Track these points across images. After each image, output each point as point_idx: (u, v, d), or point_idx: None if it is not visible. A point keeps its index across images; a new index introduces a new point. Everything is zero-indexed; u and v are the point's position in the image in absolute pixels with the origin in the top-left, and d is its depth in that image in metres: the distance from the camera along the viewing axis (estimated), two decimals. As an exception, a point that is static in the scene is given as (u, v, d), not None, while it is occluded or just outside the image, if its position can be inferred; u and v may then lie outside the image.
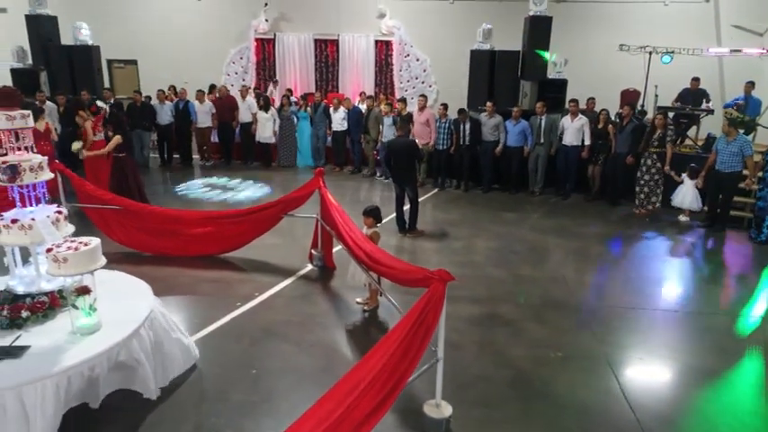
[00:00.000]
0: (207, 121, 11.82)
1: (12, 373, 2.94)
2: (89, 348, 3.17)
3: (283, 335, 4.75)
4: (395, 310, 5.14)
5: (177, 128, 11.73)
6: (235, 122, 11.83)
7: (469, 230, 7.73)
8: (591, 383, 4.15)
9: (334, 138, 11.64)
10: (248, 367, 4.21)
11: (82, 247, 3.21)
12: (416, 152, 7.06)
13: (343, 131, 11.41)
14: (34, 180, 3.46)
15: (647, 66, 11.13)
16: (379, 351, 2.87)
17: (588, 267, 6.68)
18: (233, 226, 6.12)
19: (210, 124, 11.90)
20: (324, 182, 5.85)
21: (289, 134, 11.85)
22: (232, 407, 3.74)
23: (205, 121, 11.79)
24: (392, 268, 3.86)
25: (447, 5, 14.03)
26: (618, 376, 4.21)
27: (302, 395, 3.90)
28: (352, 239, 4.66)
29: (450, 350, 4.10)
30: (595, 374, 4.27)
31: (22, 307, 3.39)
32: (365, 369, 2.76)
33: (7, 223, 3.40)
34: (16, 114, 3.38)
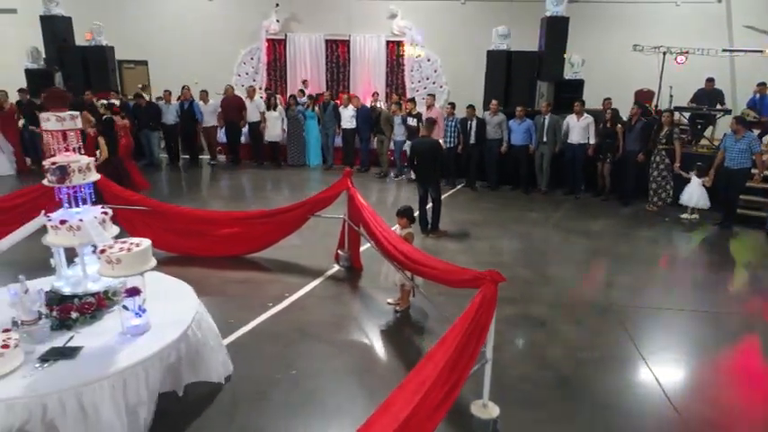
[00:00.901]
0: (212, 121, 11.81)
1: (69, 375, 2.94)
2: (142, 349, 3.17)
3: (318, 336, 4.75)
4: (427, 310, 5.20)
5: (183, 128, 11.73)
6: (242, 122, 11.80)
7: (491, 230, 7.74)
8: (631, 384, 4.16)
9: (343, 136, 11.67)
10: (287, 368, 4.21)
11: (134, 248, 3.21)
12: (440, 152, 7.07)
13: (352, 130, 11.42)
14: (82, 181, 3.46)
15: (661, 66, 11.14)
16: (439, 352, 2.87)
17: (614, 267, 6.67)
18: (260, 226, 6.12)
19: (216, 123, 11.90)
20: (352, 182, 5.85)
21: (297, 133, 11.85)
22: (276, 408, 3.74)
23: (210, 120, 11.79)
24: (434, 269, 3.85)
25: (458, 6, 14.05)
26: (658, 377, 4.21)
27: (345, 395, 3.92)
28: (387, 240, 4.65)
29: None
30: (635, 375, 4.28)
31: (71, 308, 3.39)
32: (427, 370, 2.76)
33: (56, 224, 3.40)
34: (66, 115, 3.38)
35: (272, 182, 10.85)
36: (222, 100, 11.81)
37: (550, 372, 4.27)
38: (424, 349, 4.58)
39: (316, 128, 11.88)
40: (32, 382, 2.86)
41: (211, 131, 11.99)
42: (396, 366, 4.31)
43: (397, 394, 2.66)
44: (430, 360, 2.84)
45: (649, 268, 6.66)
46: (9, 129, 10.77)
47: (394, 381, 4.04)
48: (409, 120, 10.50)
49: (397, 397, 2.64)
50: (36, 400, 2.79)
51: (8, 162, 10.69)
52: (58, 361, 3.05)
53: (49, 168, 3.35)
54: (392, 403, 2.61)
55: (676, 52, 11.05)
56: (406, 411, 2.54)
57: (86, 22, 11.95)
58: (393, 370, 4.25)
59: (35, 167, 10.95)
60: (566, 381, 4.17)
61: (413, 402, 2.59)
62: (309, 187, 10.39)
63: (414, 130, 10.43)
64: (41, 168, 8.07)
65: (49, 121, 3.35)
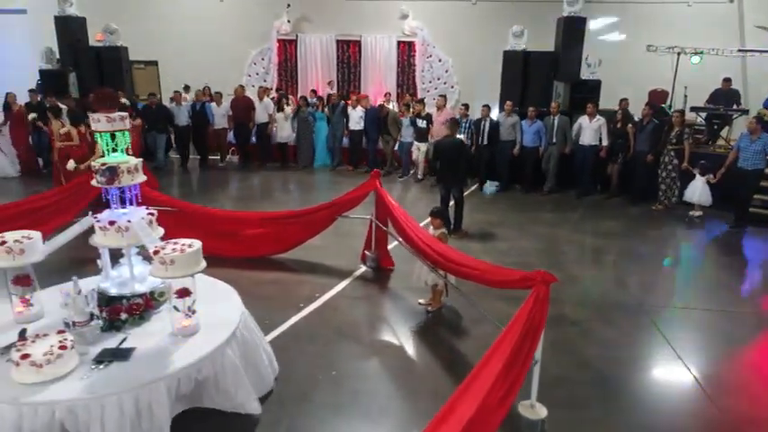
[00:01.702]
0: (223, 123, 11.78)
1: (125, 376, 2.95)
2: (194, 350, 3.18)
3: (354, 336, 4.75)
4: (460, 310, 5.20)
5: (194, 129, 11.70)
6: (251, 123, 11.81)
7: (511, 231, 7.74)
8: (671, 383, 4.19)
9: (350, 137, 11.67)
10: (328, 369, 4.21)
11: (187, 249, 3.21)
12: (465, 152, 7.07)
13: (359, 131, 11.45)
14: (131, 182, 3.46)
15: (676, 66, 11.16)
16: (495, 355, 2.88)
17: (636, 267, 6.67)
18: (288, 227, 6.12)
19: (226, 125, 11.87)
20: (380, 183, 5.86)
21: (306, 135, 11.85)
22: (321, 409, 3.74)
23: (221, 122, 11.77)
24: (475, 269, 3.86)
25: (469, 6, 14.06)
26: (696, 376, 4.21)
27: (387, 396, 3.93)
28: (422, 240, 4.66)
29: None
30: (673, 374, 4.29)
31: (120, 309, 3.39)
32: (486, 373, 2.77)
33: (105, 225, 3.40)
34: (116, 116, 3.38)
35: (283, 182, 10.85)
36: (231, 101, 11.80)
37: (589, 371, 4.28)
38: (460, 350, 4.60)
39: (325, 129, 11.89)
40: (91, 384, 2.87)
41: (221, 133, 11.95)
42: (434, 367, 4.31)
43: (458, 398, 2.66)
44: (487, 363, 2.85)
45: (670, 268, 6.68)
46: (18, 130, 10.70)
47: (433, 382, 4.10)
48: (418, 121, 10.52)
49: (459, 400, 2.64)
50: (96, 401, 2.79)
51: (10, 164, 10.59)
52: (113, 362, 3.05)
53: (98, 169, 3.35)
54: (454, 408, 2.61)
55: (690, 52, 11.06)
56: (469, 414, 2.55)
57: (96, 23, 11.92)
58: (432, 371, 4.26)
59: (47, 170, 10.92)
60: (605, 380, 4.18)
61: (474, 405, 2.60)
62: (319, 188, 10.49)
63: (423, 131, 10.46)
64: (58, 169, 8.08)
65: (100, 122, 3.35)
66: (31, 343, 2.95)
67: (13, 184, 10.25)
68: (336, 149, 11.90)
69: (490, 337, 4.74)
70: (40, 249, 3.41)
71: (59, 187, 5.97)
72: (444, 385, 4.04)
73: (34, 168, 10.94)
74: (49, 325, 3.40)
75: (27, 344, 2.94)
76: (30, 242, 3.34)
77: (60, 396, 2.77)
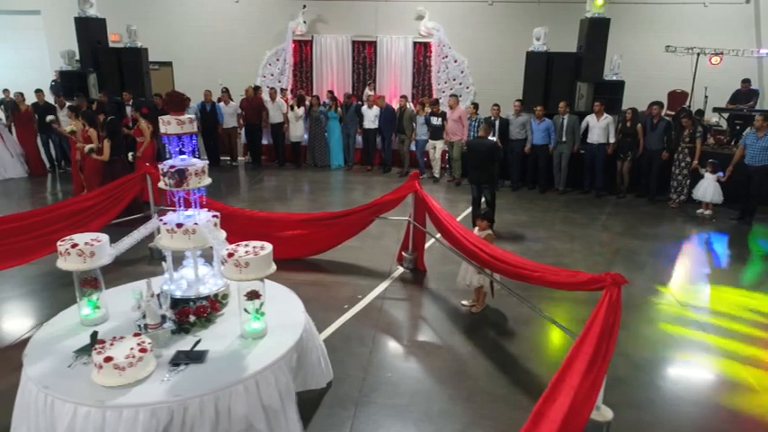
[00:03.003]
0: (232, 122, 11.72)
1: (203, 378, 2.95)
2: (269, 352, 3.18)
3: (403, 338, 4.76)
4: (504, 311, 5.20)
5: (204, 130, 11.66)
6: (264, 124, 11.76)
7: (541, 231, 7.73)
8: (729, 383, 4.18)
9: (364, 136, 11.67)
10: (383, 370, 4.22)
11: (260, 251, 3.21)
12: (497, 153, 7.06)
13: (374, 130, 11.44)
14: (198, 185, 3.46)
15: (695, 67, 11.16)
16: (577, 359, 2.88)
17: (676, 268, 6.69)
18: (326, 228, 6.12)
19: (236, 124, 11.82)
20: (420, 185, 5.86)
21: (318, 134, 11.83)
22: (383, 410, 3.75)
23: (230, 122, 11.71)
24: (534, 271, 3.86)
25: (486, 7, 14.05)
26: (751, 376, 4.22)
27: (445, 398, 3.93)
28: (471, 243, 4.66)
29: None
30: (731, 374, 4.29)
31: (188, 311, 3.39)
32: (571, 378, 2.76)
33: (173, 227, 3.40)
34: (185, 119, 3.38)
35: (296, 183, 10.81)
36: (242, 101, 11.77)
37: (644, 373, 4.29)
38: (510, 351, 4.59)
39: (338, 128, 11.87)
40: (172, 386, 2.86)
41: (231, 133, 11.89)
42: (487, 368, 4.30)
43: (547, 404, 2.65)
44: (569, 368, 2.84)
45: (702, 268, 6.73)
46: (25, 131, 10.62)
47: (490, 383, 4.10)
48: (433, 119, 10.54)
49: (548, 406, 2.64)
50: (179, 403, 2.79)
51: (19, 165, 10.50)
52: (189, 365, 3.05)
53: (167, 172, 3.35)
54: (544, 413, 2.60)
55: (710, 53, 11.07)
56: (560, 418, 2.55)
57: (111, 24, 11.89)
58: (486, 372, 4.26)
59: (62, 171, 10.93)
60: (662, 381, 4.18)
61: (563, 410, 2.60)
62: (333, 188, 10.49)
63: (438, 129, 10.47)
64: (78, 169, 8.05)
65: (170, 124, 3.35)
66: (109, 346, 2.95)
67: (22, 185, 10.15)
68: (351, 149, 11.87)
69: (538, 338, 4.83)
70: (108, 252, 3.41)
71: (101, 188, 5.95)
72: (501, 387, 4.06)
73: (42, 169, 10.83)
74: (116, 328, 3.40)
75: (106, 346, 2.94)
76: (99, 245, 3.34)
77: (144, 399, 2.76)
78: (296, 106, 11.71)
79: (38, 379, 2.90)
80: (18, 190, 9.78)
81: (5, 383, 3.91)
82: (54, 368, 3.00)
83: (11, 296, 5.45)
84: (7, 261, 5.27)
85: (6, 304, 5.31)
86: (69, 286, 5.53)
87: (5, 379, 3.98)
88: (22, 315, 5.15)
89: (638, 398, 3.96)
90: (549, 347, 4.64)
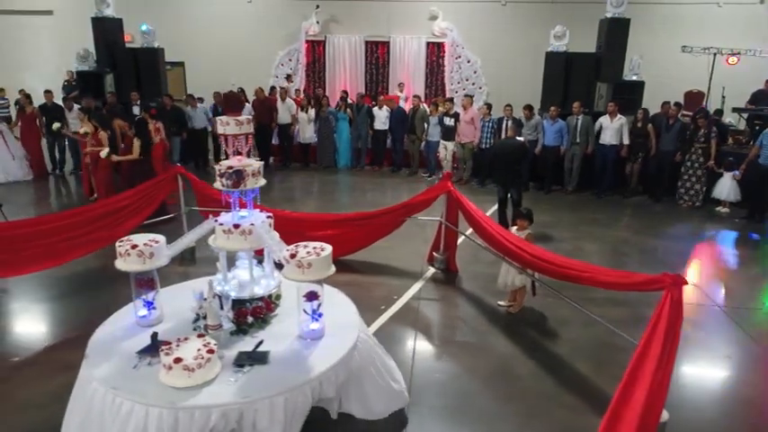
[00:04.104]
0: None
1: (270, 379, 2.93)
2: (330, 352, 3.17)
3: (445, 338, 4.77)
4: (542, 311, 5.20)
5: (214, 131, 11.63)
6: (273, 124, 11.72)
7: (566, 232, 7.74)
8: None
9: (374, 137, 11.66)
10: (428, 371, 4.22)
11: (321, 252, 3.21)
12: (525, 154, 7.07)
13: (384, 130, 11.43)
14: (255, 185, 3.46)
15: (711, 67, 11.16)
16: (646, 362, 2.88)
17: (706, 268, 6.70)
18: (358, 229, 6.12)
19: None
20: (453, 185, 5.86)
21: (327, 135, 11.82)
22: (434, 412, 3.75)
23: None
24: (584, 271, 3.86)
25: (499, 7, 14.06)
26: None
27: (496, 398, 3.93)
28: (512, 243, 4.66)
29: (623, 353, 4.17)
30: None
31: (246, 312, 3.38)
32: (645, 375, 2.77)
33: (229, 228, 3.39)
34: (244, 119, 3.38)
35: (305, 183, 10.81)
36: (253, 101, 11.76)
37: (694, 373, 4.30)
38: (554, 351, 4.59)
39: (347, 129, 11.87)
40: (241, 388, 2.85)
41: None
42: (533, 369, 4.30)
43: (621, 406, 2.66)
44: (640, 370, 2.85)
45: (735, 268, 6.72)
46: (30, 133, 10.51)
47: (538, 384, 4.10)
48: (446, 120, 10.54)
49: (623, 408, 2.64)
50: (250, 405, 2.78)
51: (21, 168, 10.35)
52: (253, 366, 3.04)
53: (224, 172, 3.34)
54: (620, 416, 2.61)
55: (727, 53, 11.08)
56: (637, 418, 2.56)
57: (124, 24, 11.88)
58: (532, 373, 4.26)
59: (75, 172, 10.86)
60: (712, 382, 4.19)
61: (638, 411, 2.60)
62: (341, 188, 10.51)
63: (450, 129, 10.48)
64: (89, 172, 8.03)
65: (229, 125, 3.34)
66: (175, 347, 2.94)
67: (25, 188, 10.04)
68: (362, 150, 11.89)
69: (581, 339, 4.81)
70: (166, 253, 3.40)
71: (135, 189, 5.95)
72: (549, 387, 4.06)
73: (45, 172, 10.71)
74: (172, 328, 3.39)
75: (173, 347, 2.93)
76: (157, 246, 3.33)
77: (216, 400, 2.75)
78: (309, 107, 11.66)
79: (105, 380, 2.89)
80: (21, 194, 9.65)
81: (53, 384, 3.92)
82: (119, 369, 2.99)
83: (46, 297, 5.44)
84: (43, 262, 5.27)
85: (43, 305, 5.31)
86: (104, 287, 5.61)
87: (53, 379, 3.99)
88: (59, 316, 5.13)
89: (694, 398, 3.97)
90: (591, 348, 4.63)
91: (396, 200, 8.72)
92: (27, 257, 5.16)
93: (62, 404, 3.50)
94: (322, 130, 11.80)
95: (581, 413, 3.73)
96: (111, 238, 5.68)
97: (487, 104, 10.66)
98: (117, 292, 5.44)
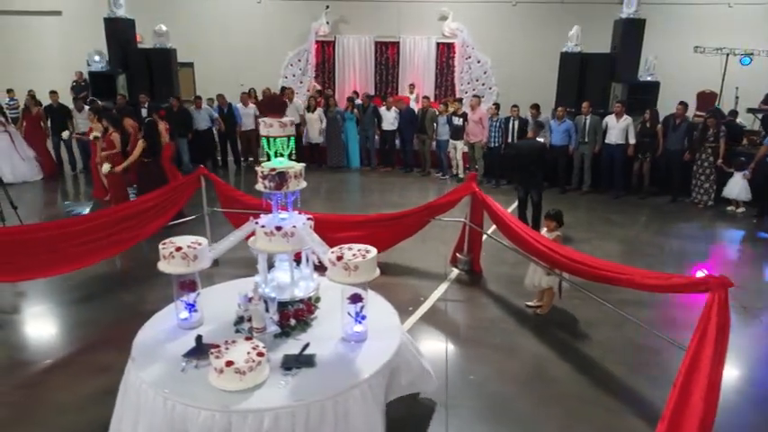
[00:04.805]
0: (250, 124, 11.54)
1: (320, 382, 2.93)
2: (376, 355, 3.16)
3: (476, 340, 4.75)
4: (571, 312, 5.19)
5: (223, 132, 11.55)
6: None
7: (585, 233, 7.71)
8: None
9: (382, 138, 11.66)
10: (463, 373, 4.21)
11: (367, 255, 3.20)
12: (546, 155, 7.05)
13: (392, 131, 11.44)
14: (297, 187, 3.45)
15: (724, 68, 11.16)
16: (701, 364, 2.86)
17: (738, 269, 6.71)
18: (383, 230, 6.09)
19: (253, 126, 11.63)
20: (478, 186, 5.85)
21: (335, 135, 11.80)
22: (473, 414, 3.74)
23: (248, 123, 11.56)
24: (622, 273, 3.84)
25: (509, 7, 14.06)
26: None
27: (530, 400, 3.92)
28: (542, 244, 4.64)
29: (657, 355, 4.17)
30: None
31: (289, 315, 3.38)
32: (700, 378, 2.76)
33: (271, 230, 3.38)
34: (287, 121, 3.37)
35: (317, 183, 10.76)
36: (261, 102, 11.64)
37: (735, 373, 4.28)
38: (585, 352, 4.57)
39: (354, 129, 11.84)
40: (292, 391, 2.85)
41: (250, 135, 11.72)
42: (567, 371, 4.29)
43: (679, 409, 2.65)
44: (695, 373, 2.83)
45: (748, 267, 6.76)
46: (35, 134, 10.44)
47: (573, 386, 4.09)
48: (455, 119, 10.55)
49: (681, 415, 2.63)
50: (302, 408, 2.77)
51: (30, 168, 10.28)
52: (301, 369, 3.03)
53: (267, 174, 3.33)
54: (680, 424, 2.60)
55: (739, 53, 11.07)
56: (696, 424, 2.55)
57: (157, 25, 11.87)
58: (566, 374, 4.25)
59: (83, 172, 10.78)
60: (754, 382, 4.18)
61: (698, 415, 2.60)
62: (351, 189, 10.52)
63: (459, 129, 10.49)
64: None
65: (272, 127, 3.33)
66: (225, 350, 2.93)
67: (36, 188, 10.01)
68: (371, 150, 11.88)
69: (612, 341, 4.78)
70: (208, 255, 3.39)
71: (162, 189, 5.94)
72: (586, 389, 4.06)
73: (55, 172, 10.66)
74: (213, 330, 3.38)
75: (222, 350, 2.92)
76: (201, 248, 3.32)
77: (269, 403, 2.75)
78: (316, 107, 11.61)
79: (155, 383, 2.88)
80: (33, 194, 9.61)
81: (89, 387, 3.92)
82: (167, 372, 2.98)
83: (67, 300, 5.41)
84: (69, 264, 5.25)
85: (66, 308, 5.28)
86: (125, 289, 5.61)
87: (88, 382, 3.99)
88: (83, 318, 5.09)
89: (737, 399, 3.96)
90: (624, 349, 4.61)
91: (407, 200, 8.82)
92: (51, 260, 5.13)
93: (101, 407, 3.53)
94: (330, 131, 11.77)
95: (622, 416, 3.73)
96: (134, 239, 5.71)
97: (496, 104, 10.67)
98: (140, 294, 5.50)
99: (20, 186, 9.78)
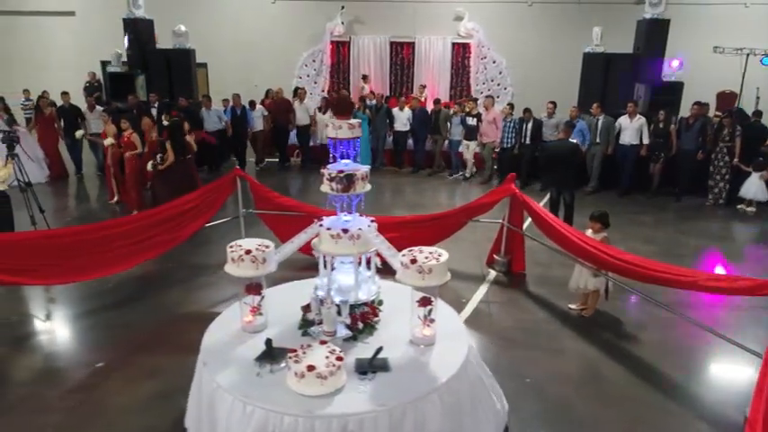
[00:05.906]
0: (259, 125, 11.48)
1: (397, 386, 2.89)
2: (448, 359, 3.13)
3: (524, 342, 4.73)
4: (616, 315, 5.17)
5: (234, 133, 11.43)
6: (290, 125, 11.63)
7: (614, 233, 7.66)
8: None
9: (395, 138, 11.62)
10: (518, 376, 4.18)
11: (440, 258, 3.16)
12: (580, 155, 7.03)
13: (405, 132, 11.40)
14: (362, 190, 3.42)
15: (744, 68, 11.14)
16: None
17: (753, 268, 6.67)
18: (421, 231, 6.05)
19: (262, 127, 11.60)
20: (518, 187, 5.82)
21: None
22: (535, 417, 3.72)
23: (257, 124, 11.48)
24: (683, 275, 3.83)
25: (525, 8, 14.04)
26: None
27: (592, 402, 3.90)
28: (593, 247, 4.62)
29: (712, 357, 4.13)
30: None
31: (356, 318, 3.35)
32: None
33: (338, 232, 3.34)
34: (355, 123, 3.34)
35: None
36: (270, 103, 11.65)
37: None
38: (637, 354, 4.54)
39: (366, 129, 11.75)
40: (371, 395, 2.82)
41: (258, 136, 11.68)
42: (621, 373, 4.27)
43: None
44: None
45: None
46: (48, 135, 10.36)
47: (630, 388, 4.06)
48: (468, 120, 10.53)
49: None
50: (385, 413, 2.75)
51: (39, 169, 10.05)
52: (376, 373, 3.00)
53: (335, 176, 3.30)
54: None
55: (760, 53, 11.06)
56: None
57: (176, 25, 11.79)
58: (621, 377, 4.23)
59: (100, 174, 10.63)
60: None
61: None
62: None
63: (472, 129, 10.47)
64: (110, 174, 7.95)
65: (341, 128, 3.30)
66: (302, 354, 2.90)
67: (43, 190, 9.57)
68: (380, 151, 11.82)
69: (664, 342, 4.74)
70: (275, 258, 3.36)
71: (199, 190, 5.91)
72: (644, 391, 4.04)
73: (63, 174, 10.54)
74: (279, 334, 3.35)
75: (300, 355, 2.89)
76: (268, 251, 3.29)
77: (350, 408, 2.72)
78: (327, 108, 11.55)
79: (232, 388, 2.85)
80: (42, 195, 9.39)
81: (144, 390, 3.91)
82: (242, 377, 2.95)
83: (104, 304, 5.36)
84: (112, 267, 5.22)
85: (105, 312, 5.24)
86: (166, 289, 5.57)
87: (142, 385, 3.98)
88: (123, 321, 5.05)
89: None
90: (678, 351, 4.58)
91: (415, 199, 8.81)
92: (96, 262, 5.09)
93: (157, 410, 3.54)
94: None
95: (685, 420, 3.70)
96: (174, 241, 5.68)
97: (510, 104, 10.64)
98: (179, 296, 5.47)
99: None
